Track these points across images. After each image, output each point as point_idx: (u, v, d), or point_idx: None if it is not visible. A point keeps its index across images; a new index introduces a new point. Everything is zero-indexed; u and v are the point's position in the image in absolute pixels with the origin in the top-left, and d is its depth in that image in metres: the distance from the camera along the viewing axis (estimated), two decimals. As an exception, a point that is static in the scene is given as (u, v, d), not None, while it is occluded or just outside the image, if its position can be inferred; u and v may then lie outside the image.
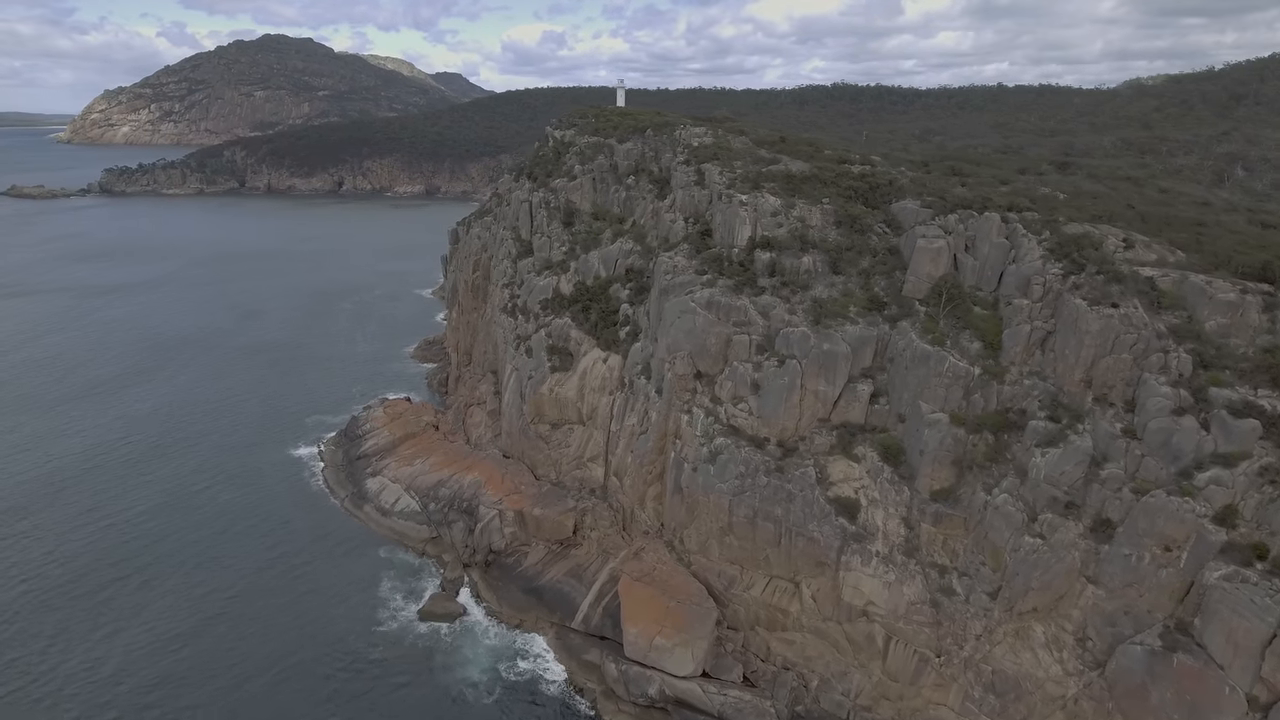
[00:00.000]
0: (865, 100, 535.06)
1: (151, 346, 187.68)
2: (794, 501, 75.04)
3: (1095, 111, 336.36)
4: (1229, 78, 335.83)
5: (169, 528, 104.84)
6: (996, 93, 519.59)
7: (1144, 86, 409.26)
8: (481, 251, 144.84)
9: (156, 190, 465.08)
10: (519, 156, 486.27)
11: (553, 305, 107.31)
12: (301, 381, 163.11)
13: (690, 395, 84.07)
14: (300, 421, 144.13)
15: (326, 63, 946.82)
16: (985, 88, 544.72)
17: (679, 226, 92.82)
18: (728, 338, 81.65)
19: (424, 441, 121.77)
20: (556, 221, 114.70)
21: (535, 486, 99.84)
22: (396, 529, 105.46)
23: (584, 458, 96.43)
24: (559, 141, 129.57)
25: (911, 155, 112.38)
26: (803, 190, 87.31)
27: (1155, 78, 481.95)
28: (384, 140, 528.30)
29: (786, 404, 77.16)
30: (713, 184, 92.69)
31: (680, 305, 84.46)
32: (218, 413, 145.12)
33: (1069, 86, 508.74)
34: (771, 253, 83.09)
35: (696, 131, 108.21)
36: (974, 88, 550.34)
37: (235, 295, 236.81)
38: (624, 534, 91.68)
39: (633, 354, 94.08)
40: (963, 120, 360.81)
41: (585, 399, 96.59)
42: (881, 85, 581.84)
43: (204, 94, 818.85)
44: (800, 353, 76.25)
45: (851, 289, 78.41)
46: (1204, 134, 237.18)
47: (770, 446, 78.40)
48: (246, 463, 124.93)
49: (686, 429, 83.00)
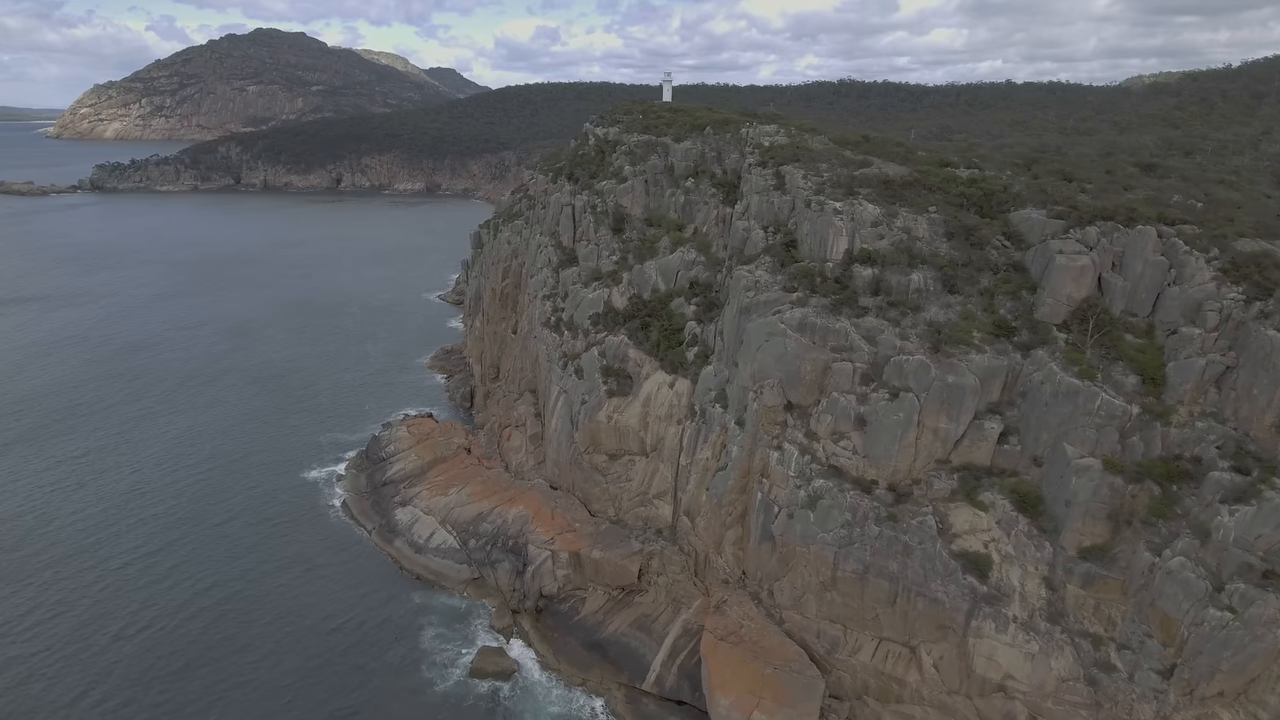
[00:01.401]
0: (873, 97, 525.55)
1: (150, 363, 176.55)
2: (912, 555, 65.43)
3: (1113, 109, 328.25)
4: (1248, 75, 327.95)
5: (176, 573, 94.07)
6: (1005, 90, 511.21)
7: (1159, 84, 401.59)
8: (512, 258, 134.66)
9: (149, 187, 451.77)
10: (522, 153, 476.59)
11: (604, 321, 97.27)
12: (312, 396, 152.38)
13: (780, 429, 74.29)
14: (314, 441, 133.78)
15: (320, 57, 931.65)
16: (993, 85, 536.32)
17: (757, 237, 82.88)
18: (825, 365, 71.89)
19: (457, 467, 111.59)
20: (605, 227, 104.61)
21: (591, 524, 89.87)
22: (433, 568, 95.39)
23: (649, 493, 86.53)
24: (602, 140, 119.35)
25: (996, 155, 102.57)
26: (904, 197, 77.58)
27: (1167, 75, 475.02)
28: (382, 136, 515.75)
29: (901, 443, 67.49)
30: (796, 189, 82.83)
31: (767, 327, 74.62)
32: (224, 434, 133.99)
33: (1079, 84, 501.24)
34: (874, 268, 73.30)
35: (766, 130, 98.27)
36: (982, 85, 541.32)
37: (236, 300, 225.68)
38: (697, 581, 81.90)
39: (704, 378, 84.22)
40: (977, 118, 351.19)
41: (650, 428, 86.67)
42: (888, 82, 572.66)
43: (196, 89, 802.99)
44: (918, 385, 66.53)
45: (972, 311, 68.73)
46: (1244, 133, 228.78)
47: (879, 491, 68.75)
48: (260, 491, 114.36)
49: (777, 468, 73.22)
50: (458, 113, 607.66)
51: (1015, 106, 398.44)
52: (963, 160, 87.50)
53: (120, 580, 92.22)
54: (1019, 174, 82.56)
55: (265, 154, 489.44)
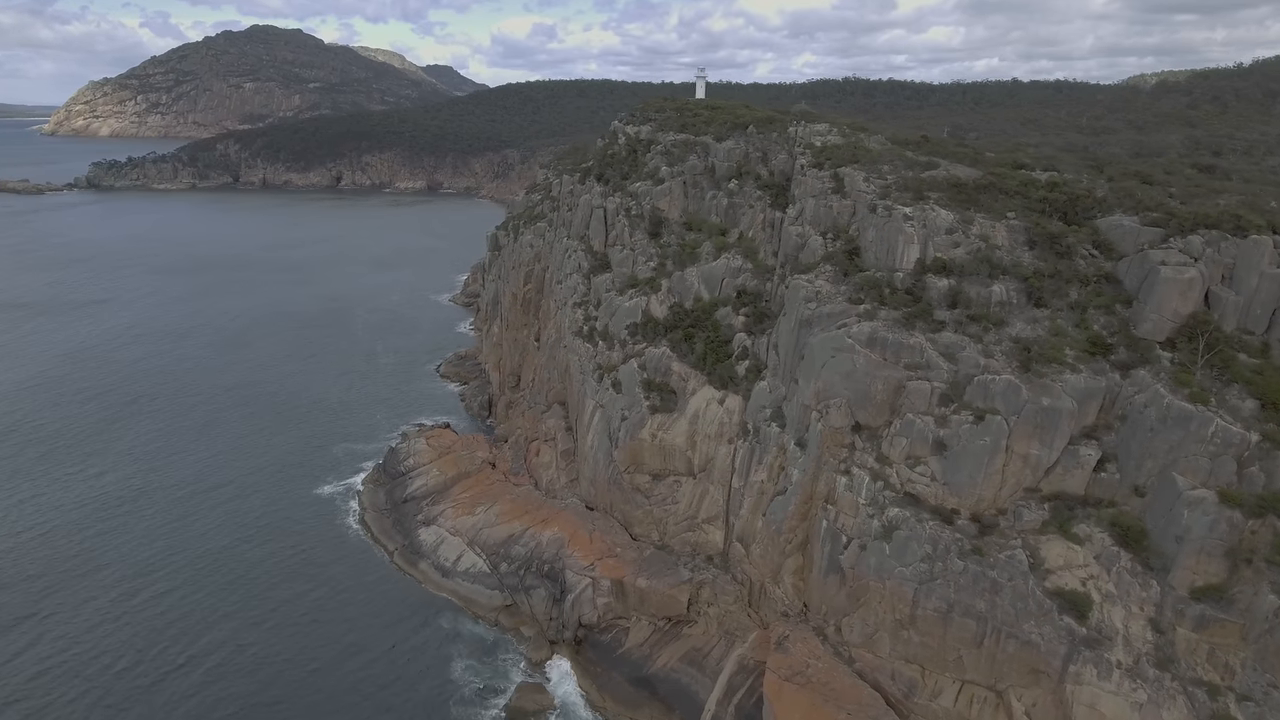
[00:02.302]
0: (878, 95, 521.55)
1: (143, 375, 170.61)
2: (1001, 593, 60.04)
3: (1126, 108, 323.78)
4: (1259, 74, 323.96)
5: (187, 603, 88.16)
6: (1011, 88, 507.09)
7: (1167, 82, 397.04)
8: (535, 261, 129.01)
9: (147, 185, 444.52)
10: (526, 151, 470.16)
11: (643, 331, 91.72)
12: (322, 406, 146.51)
13: (847, 452, 68.84)
14: (327, 451, 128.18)
15: (317, 54, 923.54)
16: (999, 83, 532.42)
17: (815, 244, 77.35)
18: (898, 384, 66.42)
19: (482, 484, 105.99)
20: (640, 231, 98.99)
21: (634, 549, 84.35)
22: (462, 593, 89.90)
23: (698, 518, 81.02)
24: (633, 139, 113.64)
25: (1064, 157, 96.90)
26: (978, 202, 72.10)
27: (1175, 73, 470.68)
28: (383, 134, 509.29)
29: (987, 470, 62.09)
30: (857, 192, 77.33)
31: (833, 342, 69.15)
32: (232, 447, 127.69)
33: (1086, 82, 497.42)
34: (950, 279, 67.85)
35: (817, 129, 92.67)
36: (987, 83, 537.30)
37: (235, 305, 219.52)
38: (751, 612, 76.46)
39: (757, 395, 78.74)
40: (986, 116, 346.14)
41: (698, 447, 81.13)
42: (894, 80, 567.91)
43: (192, 85, 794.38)
44: (1007, 407, 61.12)
45: (1062, 327, 63.34)
46: (1270, 132, 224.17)
47: (962, 521, 63.36)
48: (275, 510, 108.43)
49: (844, 494, 67.80)
50: (458, 110, 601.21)
51: (1023, 105, 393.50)
52: (1038, 162, 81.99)
53: (128, 612, 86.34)
54: (1094, 177, 77.10)
55: (264, 152, 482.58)
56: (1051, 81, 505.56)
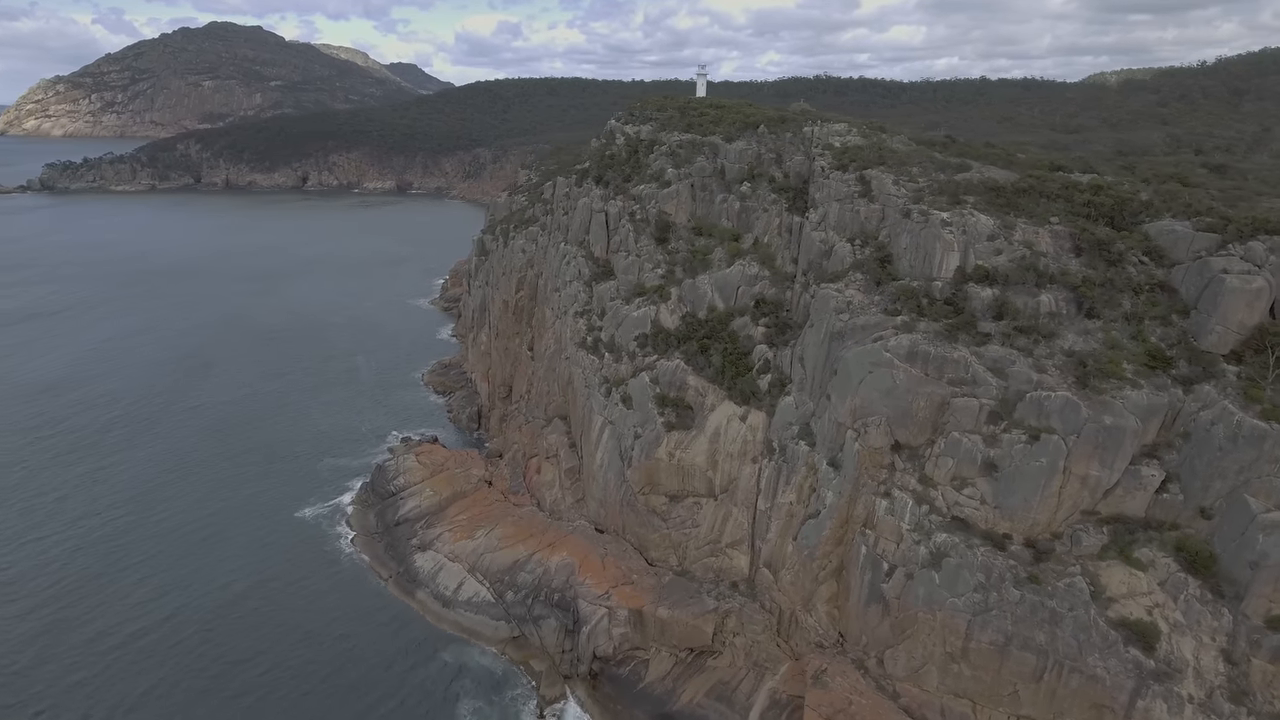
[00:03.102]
0: (851, 93, 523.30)
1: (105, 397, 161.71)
2: (1062, 624, 56.40)
3: (1098, 106, 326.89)
4: (1224, 72, 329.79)
5: (173, 641, 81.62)
6: (980, 86, 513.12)
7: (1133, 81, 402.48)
8: (527, 267, 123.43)
9: (104, 187, 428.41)
10: (498, 150, 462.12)
11: (653, 342, 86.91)
12: (303, 420, 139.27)
13: (887, 473, 64.77)
14: (311, 469, 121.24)
15: (278, 52, 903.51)
16: (968, 81, 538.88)
17: (843, 250, 73.11)
18: (942, 400, 62.47)
19: (480, 504, 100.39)
20: (646, 237, 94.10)
21: (652, 576, 79.52)
22: (465, 624, 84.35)
23: (721, 542, 76.43)
24: (632, 139, 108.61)
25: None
26: (1019, 206, 68.41)
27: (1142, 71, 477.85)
28: (350, 133, 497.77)
29: (1043, 493, 58.32)
30: (886, 196, 73.26)
31: (870, 356, 65.00)
32: (210, 468, 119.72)
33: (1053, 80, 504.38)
34: (993, 288, 64.03)
35: (836, 129, 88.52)
36: (957, 81, 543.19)
37: (202, 316, 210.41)
38: (780, 642, 72.07)
39: (782, 411, 74.38)
40: (961, 114, 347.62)
41: (719, 467, 76.53)
42: (864, 78, 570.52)
43: (148, 84, 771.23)
44: (1065, 426, 57.39)
45: (1117, 339, 59.78)
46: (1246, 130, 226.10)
47: (1015, 547, 59.61)
48: (259, 537, 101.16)
49: (885, 518, 63.72)
50: (427, 109, 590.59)
51: (995, 102, 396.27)
52: (1075, 164, 78.65)
53: (107, 663, 79.27)
54: (1133, 180, 73.89)
55: (226, 152, 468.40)
56: (1019, 80, 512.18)
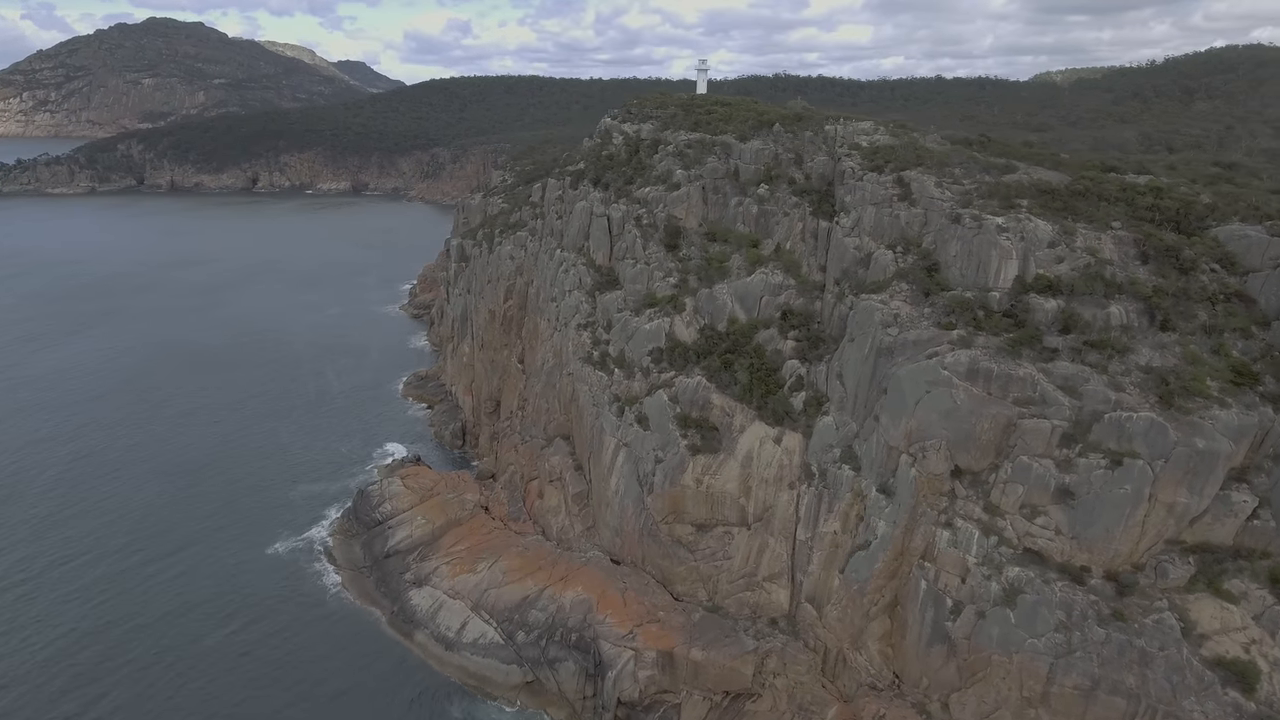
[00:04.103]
0: (810, 91, 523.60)
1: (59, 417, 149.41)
2: (1153, 665, 51.91)
3: (1055, 104, 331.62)
4: (1174, 71, 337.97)
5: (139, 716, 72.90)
6: (936, 85, 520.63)
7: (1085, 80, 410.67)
8: (516, 275, 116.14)
9: (40, 190, 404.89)
10: (457, 150, 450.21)
11: (669, 357, 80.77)
12: (272, 441, 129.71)
13: (948, 501, 59.69)
14: (283, 498, 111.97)
15: (220, 49, 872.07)
16: (925, 80, 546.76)
17: (884, 258, 67.84)
18: (1008, 422, 57.57)
19: (478, 533, 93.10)
20: (655, 243, 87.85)
21: (679, 613, 73.37)
22: (472, 670, 77.29)
23: (757, 575, 70.62)
24: (631, 138, 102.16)
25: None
26: (1076, 210, 63.93)
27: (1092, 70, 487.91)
28: (301, 132, 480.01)
29: (1127, 521, 53.76)
30: (929, 199, 68.22)
31: (926, 374, 59.84)
32: (169, 504, 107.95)
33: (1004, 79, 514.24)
34: (1058, 299, 59.36)
35: (862, 127, 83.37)
36: (914, 80, 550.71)
37: (144, 336, 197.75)
38: (827, 682, 66.61)
39: (821, 432, 68.90)
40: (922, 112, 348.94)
41: (753, 494, 70.72)
42: (823, 76, 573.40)
43: (84, 81, 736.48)
44: (1151, 449, 52.87)
45: (1196, 353, 55.53)
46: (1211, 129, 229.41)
47: (1095, 580, 54.97)
48: (228, 575, 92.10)
49: (948, 550, 58.65)
50: (381, 107, 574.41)
51: (953, 101, 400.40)
52: (1131, 165, 74.71)
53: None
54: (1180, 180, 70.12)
55: (171, 152, 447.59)
56: (973, 79, 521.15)
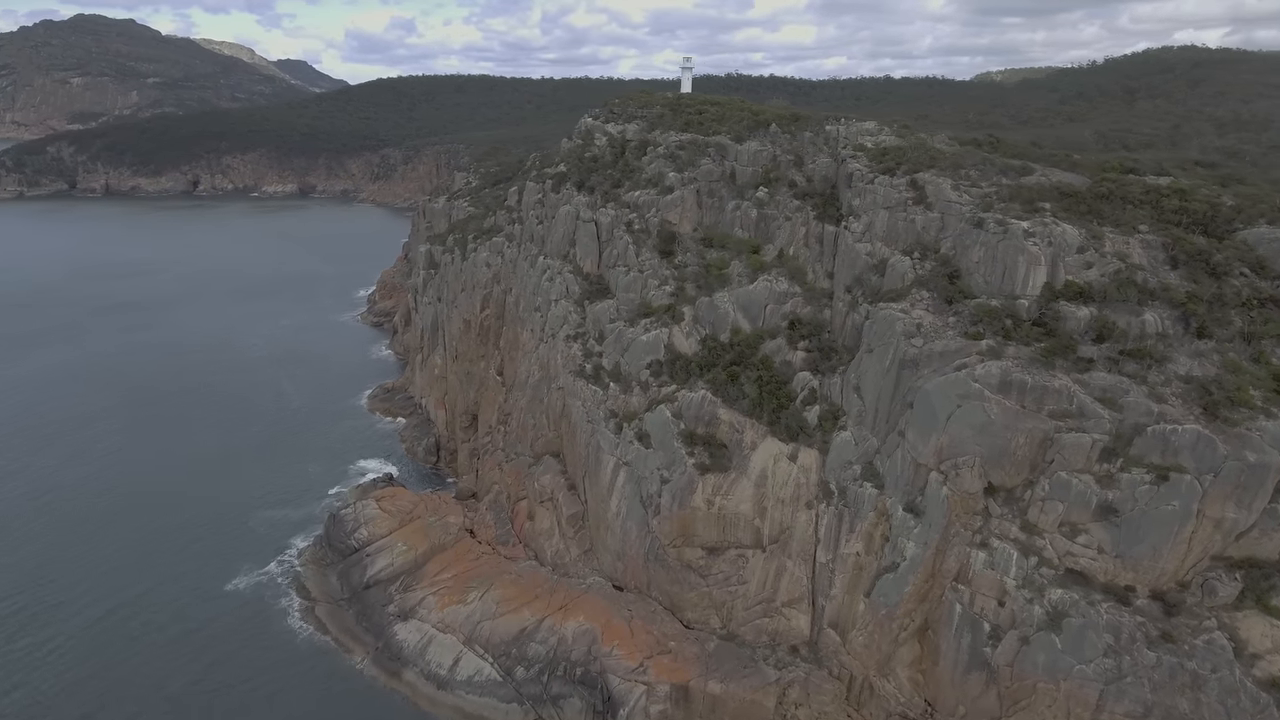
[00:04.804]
0: (763, 91, 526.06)
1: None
2: (1206, 688, 49.75)
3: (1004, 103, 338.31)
4: (1115, 71, 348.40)
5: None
6: (886, 85, 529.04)
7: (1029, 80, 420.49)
8: (494, 283, 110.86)
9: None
10: (409, 151, 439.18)
11: (669, 370, 76.81)
12: (228, 462, 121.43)
13: (981, 520, 56.92)
14: (244, 525, 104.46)
15: (154, 47, 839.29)
16: (874, 80, 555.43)
17: (901, 265, 64.85)
18: (1044, 436, 55.02)
19: (465, 559, 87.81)
20: (648, 249, 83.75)
21: (692, 642, 69.40)
22: (468, 710, 72.25)
23: (775, 600, 67.06)
24: (616, 139, 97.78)
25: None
26: (1102, 213, 61.78)
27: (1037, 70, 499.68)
28: (244, 133, 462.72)
29: (1175, 539, 51.54)
30: (946, 203, 65.50)
31: (956, 387, 56.99)
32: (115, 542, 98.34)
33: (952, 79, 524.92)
34: (1090, 306, 57.03)
35: (866, 127, 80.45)
36: (864, 80, 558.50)
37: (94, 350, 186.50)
38: (852, 711, 63.41)
39: (839, 448, 65.67)
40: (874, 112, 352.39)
41: (769, 515, 67.11)
42: (774, 76, 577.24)
43: (8, 80, 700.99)
44: (1199, 464, 50.73)
45: (1236, 362, 53.65)
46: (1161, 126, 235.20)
47: (1140, 600, 52.69)
48: (185, 618, 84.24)
49: (984, 572, 55.90)
50: (327, 107, 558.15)
51: (904, 101, 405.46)
52: (1149, 165, 73.06)
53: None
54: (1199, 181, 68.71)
55: (105, 154, 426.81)
56: (922, 78, 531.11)
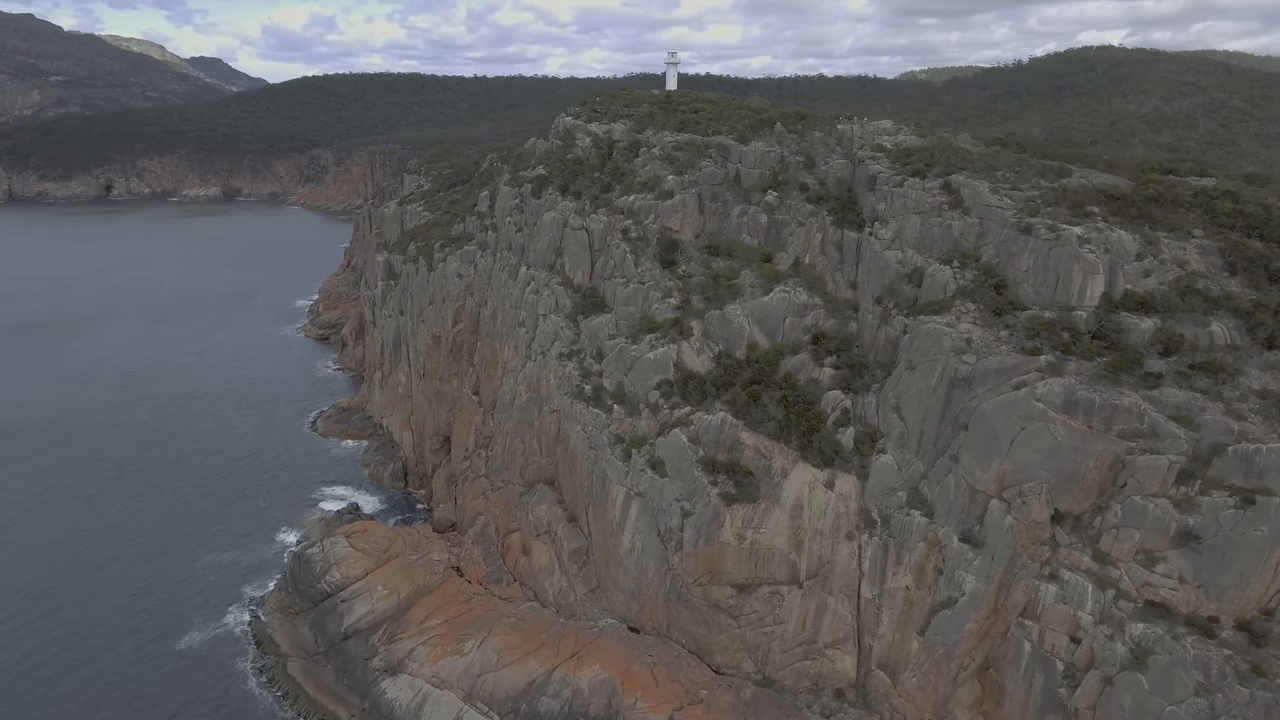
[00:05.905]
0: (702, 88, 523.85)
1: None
2: (1303, 727, 46.43)
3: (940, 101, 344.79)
4: (1041, 70, 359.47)
5: None
6: (820, 84, 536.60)
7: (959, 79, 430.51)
8: (466, 296, 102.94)
9: None
10: (341, 152, 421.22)
11: (681, 391, 70.86)
12: (167, 497, 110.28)
13: (1049, 550, 52.80)
14: (190, 572, 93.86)
15: (57, 44, 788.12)
16: (809, 79, 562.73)
17: (943, 275, 60.31)
18: (1115, 459, 51.15)
19: (455, 601, 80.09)
20: (648, 259, 77.59)
21: (726, 690, 63.58)
22: (475, 776, 64.89)
23: (817, 641, 61.79)
24: (602, 140, 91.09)
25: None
26: (1154, 218, 58.37)
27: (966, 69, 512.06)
28: (161, 134, 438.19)
29: (1263, 566, 48.22)
30: (984, 208, 61.28)
31: (1018, 408, 52.71)
32: (36, 606, 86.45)
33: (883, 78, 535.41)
34: (1153, 317, 53.45)
35: (882, 126, 75.81)
36: (799, 78, 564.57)
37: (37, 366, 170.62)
38: (904, 759, 58.65)
39: (880, 473, 60.86)
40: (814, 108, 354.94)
41: (805, 548, 61.81)
42: (710, 74, 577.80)
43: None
44: (1289, 486, 47.42)
45: (1310, 373, 50.76)
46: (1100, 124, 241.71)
47: (1225, 632, 49.23)
48: (131, 690, 74.22)
49: (1056, 607, 51.75)
50: (249, 106, 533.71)
51: (839, 99, 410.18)
52: (1189, 167, 70.20)
53: None
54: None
55: (6, 158, 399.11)
56: (854, 77, 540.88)
